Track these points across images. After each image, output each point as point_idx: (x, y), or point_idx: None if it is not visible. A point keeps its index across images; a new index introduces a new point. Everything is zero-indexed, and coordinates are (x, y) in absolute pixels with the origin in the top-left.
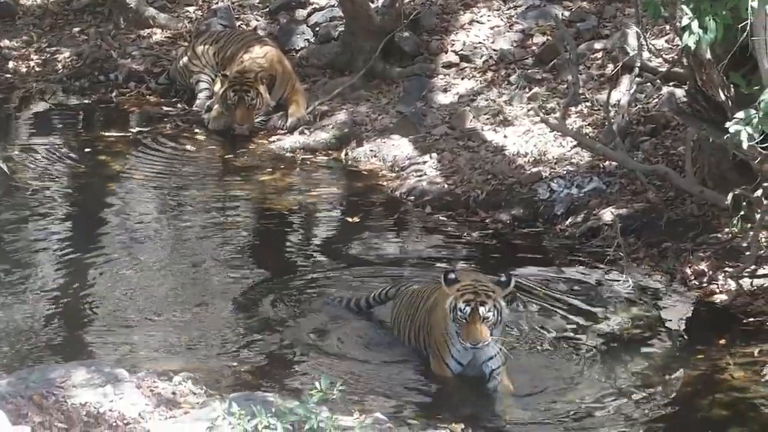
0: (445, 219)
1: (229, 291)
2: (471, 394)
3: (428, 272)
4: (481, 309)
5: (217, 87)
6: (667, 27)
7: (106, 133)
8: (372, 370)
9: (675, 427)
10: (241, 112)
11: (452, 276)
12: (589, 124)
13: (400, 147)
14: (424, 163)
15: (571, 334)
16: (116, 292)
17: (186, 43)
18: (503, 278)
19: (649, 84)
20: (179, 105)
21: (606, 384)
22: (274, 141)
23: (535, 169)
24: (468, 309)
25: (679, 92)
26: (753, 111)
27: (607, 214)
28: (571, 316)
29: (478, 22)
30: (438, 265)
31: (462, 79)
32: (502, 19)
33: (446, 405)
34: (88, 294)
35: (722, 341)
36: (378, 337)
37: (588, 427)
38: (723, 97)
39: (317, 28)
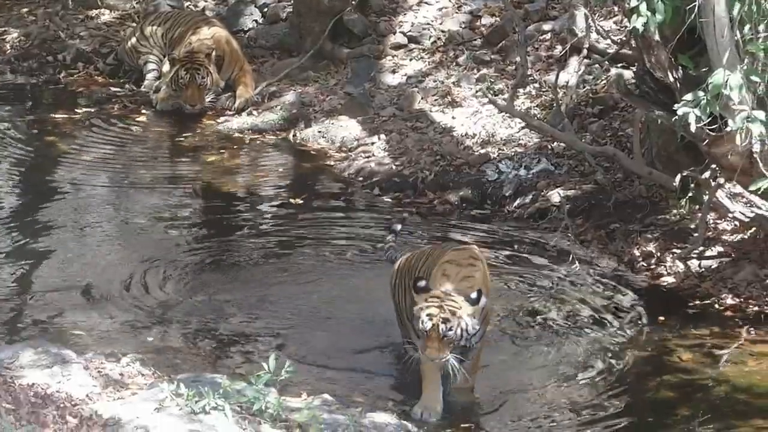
0: (392, 200)
1: (176, 272)
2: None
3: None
4: (442, 327)
5: (166, 68)
6: (616, 8)
7: (54, 114)
8: (323, 350)
9: (623, 409)
10: (191, 91)
11: (422, 284)
12: (537, 106)
13: (348, 128)
14: (373, 144)
15: (520, 316)
16: (64, 272)
17: (134, 24)
18: (474, 295)
19: (597, 65)
20: (127, 86)
21: (554, 366)
22: (222, 122)
23: (483, 151)
24: (429, 324)
25: (628, 74)
26: (701, 93)
27: (555, 196)
28: (518, 299)
29: (426, 3)
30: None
31: (410, 60)
32: (450, 0)
33: (399, 389)
34: (35, 274)
35: (670, 323)
36: (334, 318)
37: (537, 409)
38: (671, 79)
39: (265, 9)
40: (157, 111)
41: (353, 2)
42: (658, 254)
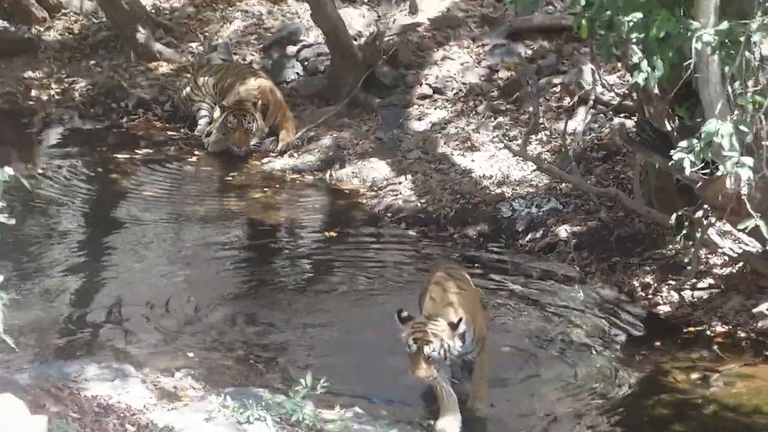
0: (416, 233)
1: (224, 296)
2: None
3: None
4: (426, 348)
5: (217, 114)
6: (619, 64)
7: (117, 155)
8: (355, 368)
9: (623, 425)
10: (239, 134)
11: (405, 314)
12: (548, 151)
13: (378, 169)
14: (400, 183)
15: (529, 339)
16: (124, 295)
17: (189, 75)
18: (454, 321)
19: (602, 115)
20: (182, 130)
21: (560, 385)
22: (266, 163)
23: (498, 190)
24: (415, 347)
25: (629, 123)
26: (695, 141)
27: (563, 231)
28: (528, 323)
29: (449, 58)
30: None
31: (434, 109)
32: (471, 56)
33: (421, 406)
34: (99, 297)
35: (666, 347)
36: (364, 339)
37: (543, 424)
38: (668, 128)
39: (306, 63)
40: (209, 153)
41: (384, 57)
42: (655, 285)
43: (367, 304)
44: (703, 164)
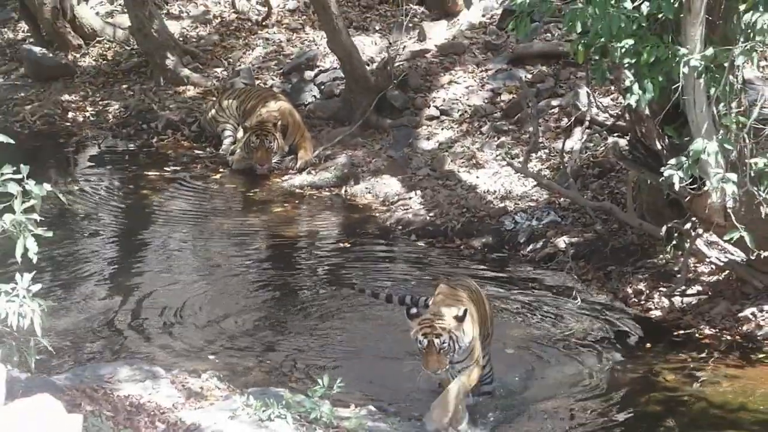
0: (425, 245)
1: (247, 302)
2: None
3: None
4: (437, 341)
5: (240, 134)
6: (613, 88)
7: (148, 172)
8: (369, 369)
9: (617, 421)
10: (261, 153)
11: (414, 311)
12: (547, 168)
13: (390, 185)
14: (410, 198)
15: (530, 342)
16: (154, 302)
17: (214, 98)
18: (460, 314)
19: (597, 135)
20: (208, 149)
21: (557, 384)
22: (286, 179)
23: (502, 204)
24: (425, 341)
25: (623, 142)
26: (683, 158)
27: (562, 242)
28: (530, 327)
29: (455, 82)
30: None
31: (442, 129)
32: (475, 80)
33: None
34: (131, 304)
35: (657, 349)
36: (378, 342)
37: (541, 420)
38: (659, 146)
39: (322, 86)
40: (233, 170)
41: (395, 81)
42: (648, 292)
43: (379, 309)
44: (691, 180)
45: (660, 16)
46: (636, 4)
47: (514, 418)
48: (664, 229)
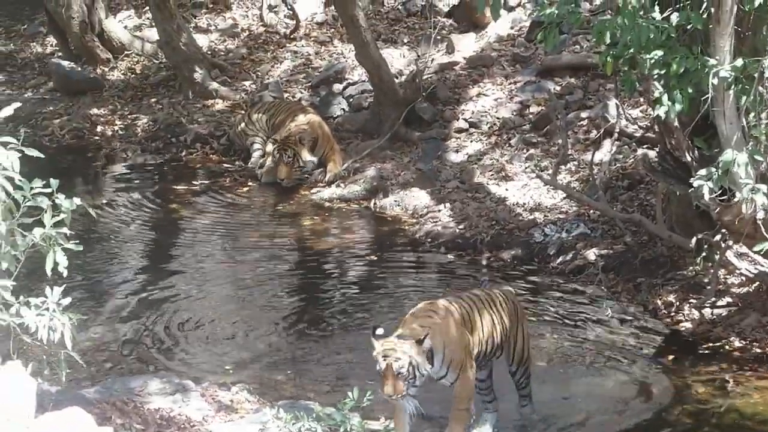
0: (454, 257)
1: (277, 315)
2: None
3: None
4: (395, 365)
5: (269, 148)
6: (642, 99)
7: (176, 186)
8: None
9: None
10: (281, 168)
11: (380, 332)
12: (576, 180)
13: (419, 197)
14: (439, 211)
15: (564, 352)
16: (184, 315)
17: (243, 112)
18: (420, 337)
19: (626, 146)
20: (237, 163)
21: (590, 397)
22: (315, 192)
23: (531, 217)
24: (384, 364)
25: (652, 153)
26: (713, 169)
27: (591, 254)
28: (560, 340)
29: (484, 94)
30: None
31: (471, 141)
32: (504, 93)
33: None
34: (161, 317)
35: (687, 361)
36: None
37: (575, 428)
38: (688, 158)
39: (351, 99)
40: (262, 183)
41: (423, 94)
42: (677, 303)
43: None
44: (720, 191)
45: (689, 27)
46: (665, 15)
47: (543, 430)
48: (693, 240)
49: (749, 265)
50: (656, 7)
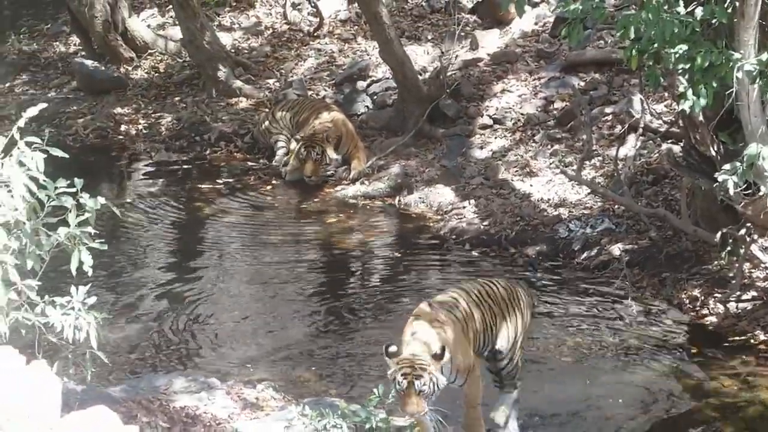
0: (479, 254)
1: (301, 313)
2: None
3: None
4: (417, 383)
5: (293, 146)
6: (666, 94)
7: (201, 184)
8: None
9: (675, 425)
10: (308, 165)
11: (393, 349)
12: (601, 175)
13: (443, 194)
14: (464, 207)
15: (589, 348)
16: (209, 314)
17: (267, 110)
18: (437, 351)
19: (650, 141)
20: (261, 161)
21: (616, 392)
22: (339, 190)
23: (556, 212)
24: (405, 383)
25: (676, 148)
26: (738, 163)
27: (616, 250)
28: (585, 335)
29: (508, 91)
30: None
31: (495, 138)
32: (528, 89)
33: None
34: (186, 315)
35: (712, 355)
36: None
37: (602, 423)
38: (713, 152)
39: (375, 97)
40: (286, 181)
41: (447, 90)
42: (702, 298)
43: None
44: (745, 185)
45: (713, 21)
46: (689, 9)
47: (569, 425)
48: (718, 235)
49: None
50: (680, 2)
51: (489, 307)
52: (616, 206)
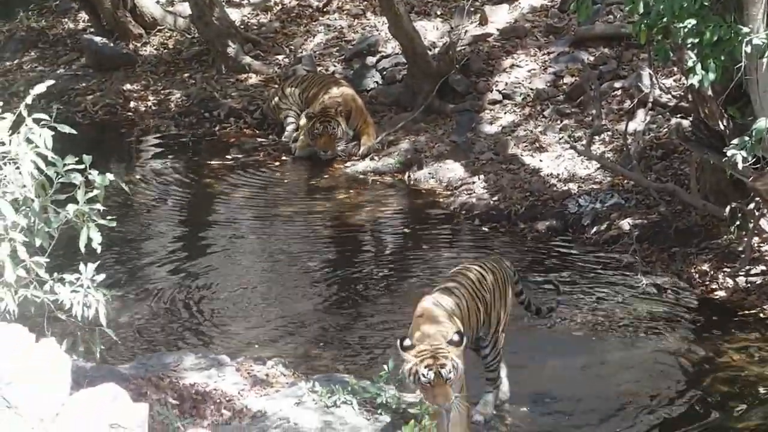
0: (489, 229)
1: (311, 289)
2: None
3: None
4: (443, 372)
5: (303, 122)
6: (675, 69)
7: (210, 161)
8: None
9: (682, 401)
10: (324, 140)
11: (407, 343)
12: (610, 150)
13: (453, 170)
14: (473, 183)
15: (599, 323)
16: (218, 290)
17: (276, 86)
18: (456, 337)
19: (660, 116)
20: (271, 137)
21: (625, 367)
22: (349, 166)
23: (565, 188)
24: (431, 374)
25: (686, 123)
26: (747, 138)
27: (626, 225)
28: (595, 309)
29: (517, 66)
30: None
31: (504, 113)
32: (537, 64)
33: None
34: (195, 292)
35: (722, 329)
36: None
37: (612, 397)
38: (722, 127)
39: (384, 72)
40: (296, 157)
41: (457, 66)
42: (712, 272)
43: None
44: (754, 159)
45: None
46: None
47: (579, 400)
48: (727, 209)
49: None
50: None
51: (482, 297)
52: (626, 181)
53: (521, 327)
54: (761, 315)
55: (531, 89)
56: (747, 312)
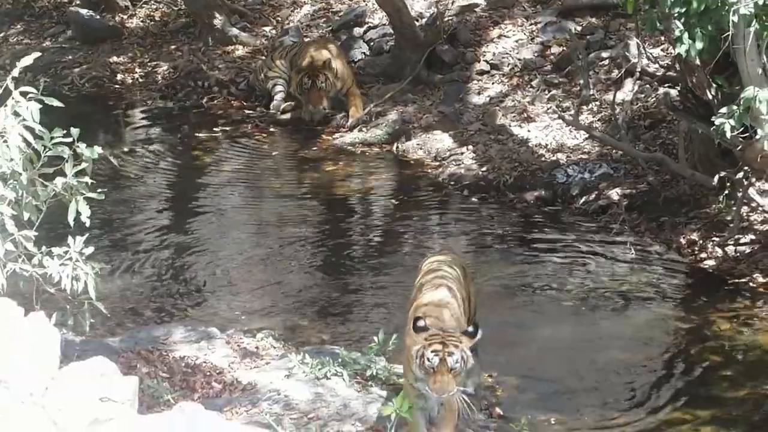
0: (478, 200)
1: (300, 261)
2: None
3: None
4: (449, 360)
5: (293, 85)
6: (663, 38)
7: (198, 133)
8: None
9: (672, 371)
10: (314, 94)
11: (422, 324)
12: (598, 120)
13: (441, 140)
14: (462, 153)
15: (586, 293)
16: (207, 263)
17: (263, 57)
18: (471, 329)
19: (648, 86)
20: (258, 108)
21: (615, 335)
22: (337, 137)
23: (554, 158)
24: (436, 359)
25: (673, 92)
26: (735, 107)
27: (614, 194)
28: (585, 279)
29: (505, 36)
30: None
31: (492, 83)
32: (525, 34)
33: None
34: (184, 266)
35: (711, 298)
36: None
37: (600, 368)
38: (709, 96)
39: (372, 43)
40: (282, 123)
41: (444, 36)
42: (701, 242)
43: None
44: (742, 129)
45: None
46: None
47: (570, 371)
48: (716, 178)
49: None
50: None
51: (468, 291)
52: (614, 151)
53: (510, 296)
54: (750, 284)
55: (519, 59)
56: (736, 281)
